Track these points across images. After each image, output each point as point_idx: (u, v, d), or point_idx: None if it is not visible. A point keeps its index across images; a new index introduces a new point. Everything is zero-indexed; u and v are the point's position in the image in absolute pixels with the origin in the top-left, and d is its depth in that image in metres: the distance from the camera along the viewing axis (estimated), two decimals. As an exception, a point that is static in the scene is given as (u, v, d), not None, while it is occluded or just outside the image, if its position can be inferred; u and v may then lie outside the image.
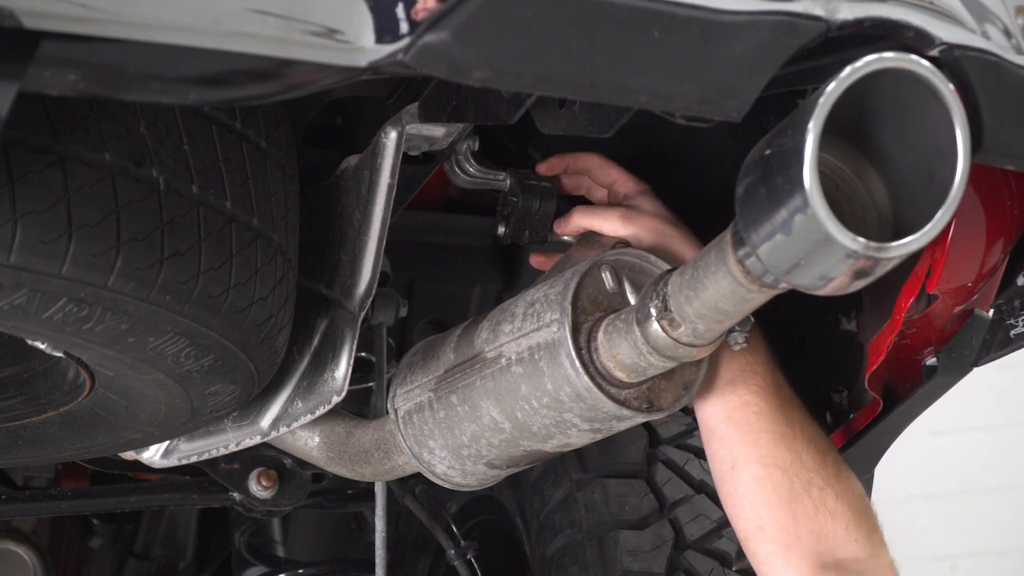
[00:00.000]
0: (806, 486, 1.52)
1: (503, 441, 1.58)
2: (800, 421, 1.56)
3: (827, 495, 1.53)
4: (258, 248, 1.36)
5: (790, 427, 1.54)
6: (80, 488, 2.27)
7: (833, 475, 1.54)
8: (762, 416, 1.54)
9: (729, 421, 1.56)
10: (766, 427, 1.54)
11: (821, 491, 1.52)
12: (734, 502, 1.57)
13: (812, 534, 1.52)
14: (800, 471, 1.53)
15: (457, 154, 1.71)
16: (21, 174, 1.13)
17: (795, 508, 1.53)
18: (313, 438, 1.84)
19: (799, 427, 1.55)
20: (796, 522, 1.53)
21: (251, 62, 1.05)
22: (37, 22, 0.94)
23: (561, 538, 2.14)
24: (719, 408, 1.56)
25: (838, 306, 1.80)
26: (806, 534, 1.52)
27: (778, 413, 1.54)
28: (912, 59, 1.11)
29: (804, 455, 1.53)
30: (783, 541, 1.54)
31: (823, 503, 1.52)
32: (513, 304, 1.56)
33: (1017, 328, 1.68)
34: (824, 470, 1.53)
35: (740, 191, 1.17)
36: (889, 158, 1.22)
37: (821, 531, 1.52)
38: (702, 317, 1.33)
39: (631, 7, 1.09)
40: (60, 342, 1.35)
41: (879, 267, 1.13)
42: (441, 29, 1.05)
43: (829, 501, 1.53)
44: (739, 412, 1.55)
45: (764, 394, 1.55)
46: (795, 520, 1.53)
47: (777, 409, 1.54)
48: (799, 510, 1.52)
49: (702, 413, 1.58)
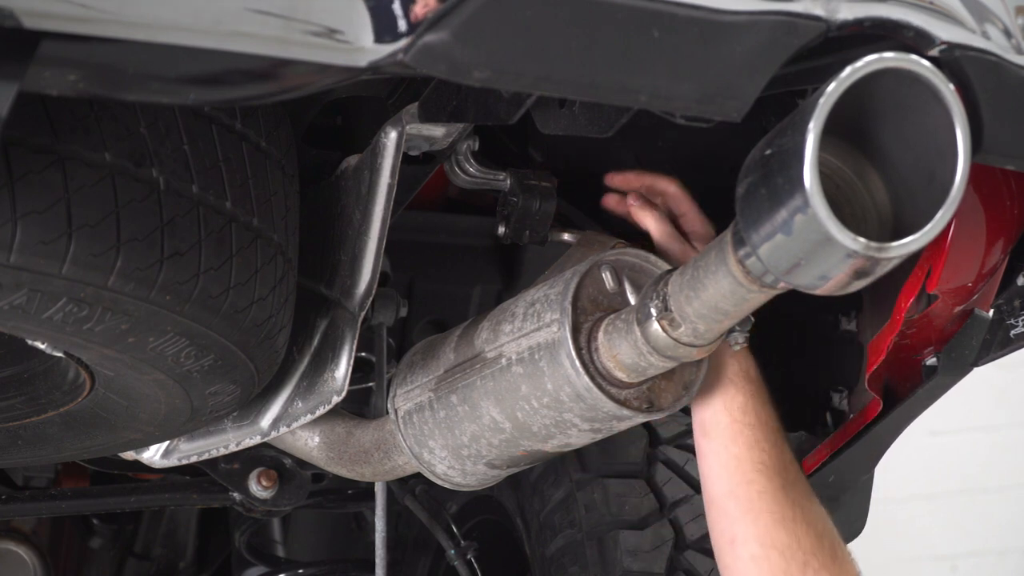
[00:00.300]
0: (802, 568, 1.53)
1: (503, 441, 1.58)
2: (801, 502, 1.56)
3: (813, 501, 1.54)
4: (258, 248, 1.36)
5: (791, 509, 1.54)
6: (80, 488, 2.27)
7: (830, 558, 1.54)
8: (764, 496, 1.54)
9: (731, 496, 1.56)
10: (767, 508, 1.54)
11: (816, 573, 1.53)
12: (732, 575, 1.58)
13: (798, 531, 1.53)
14: (797, 553, 1.53)
15: (457, 154, 1.71)
16: (21, 174, 1.13)
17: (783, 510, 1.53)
18: (313, 438, 1.84)
19: (800, 509, 1.55)
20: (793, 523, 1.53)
21: (251, 62, 1.05)
22: (37, 22, 0.94)
23: (561, 538, 2.14)
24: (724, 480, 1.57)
25: (838, 306, 1.80)
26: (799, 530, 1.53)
27: (780, 494, 1.55)
28: (912, 59, 1.11)
29: (803, 538, 1.54)
30: (785, 533, 1.54)
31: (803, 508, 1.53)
32: (513, 304, 1.56)
33: (1017, 328, 1.68)
34: (821, 553, 1.54)
35: (740, 191, 1.17)
36: (889, 158, 1.22)
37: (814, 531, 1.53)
38: (702, 317, 1.33)
39: (631, 7, 1.09)
40: (60, 342, 1.35)
41: (879, 267, 1.13)
42: (441, 29, 1.05)
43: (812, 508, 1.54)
44: (742, 489, 1.55)
45: (769, 473, 1.55)
46: (791, 521, 1.53)
47: (780, 489, 1.55)
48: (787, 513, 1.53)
49: (697, 415, 1.59)
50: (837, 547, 1.57)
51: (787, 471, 1.57)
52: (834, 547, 1.56)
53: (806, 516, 1.56)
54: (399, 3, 1.05)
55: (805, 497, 1.57)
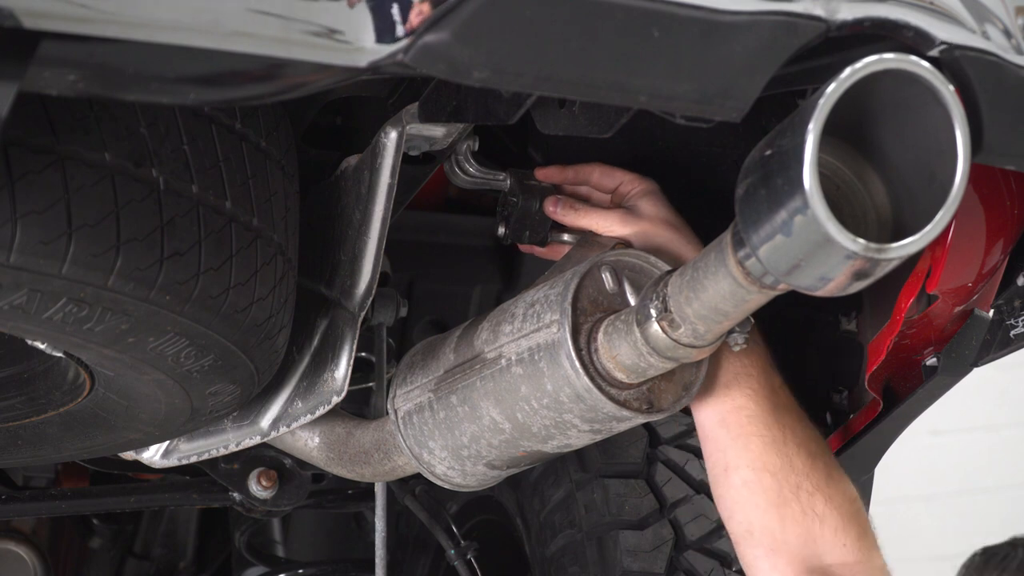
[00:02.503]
0: (795, 490, 1.53)
1: (503, 442, 1.58)
2: (792, 425, 1.56)
3: (816, 499, 1.53)
4: (258, 248, 1.36)
5: (781, 431, 1.55)
6: (80, 488, 2.27)
7: (823, 479, 1.54)
8: (754, 420, 1.55)
9: (722, 424, 1.56)
10: (757, 431, 1.55)
11: (810, 495, 1.53)
12: (726, 505, 1.58)
13: (799, 538, 1.53)
14: (789, 475, 1.53)
15: (457, 154, 1.71)
16: (21, 174, 1.13)
17: (783, 512, 1.53)
18: (313, 438, 1.84)
19: (790, 431, 1.55)
20: (784, 526, 1.53)
21: (251, 62, 1.05)
22: (37, 22, 0.94)
23: (561, 538, 2.14)
24: (713, 411, 1.57)
25: (838, 306, 1.80)
26: (793, 538, 1.53)
27: (770, 417, 1.55)
28: (912, 60, 1.11)
29: (795, 459, 1.54)
30: (770, 545, 1.54)
31: (811, 507, 1.53)
32: (513, 305, 1.56)
33: (1017, 328, 1.69)
34: (814, 474, 1.54)
35: (740, 192, 1.17)
36: (889, 158, 1.22)
37: (809, 535, 1.52)
38: (702, 318, 1.33)
39: (631, 7, 1.09)
40: (60, 342, 1.35)
41: (879, 268, 1.12)
42: (441, 29, 1.05)
43: (818, 505, 1.53)
44: (731, 416, 1.55)
45: (757, 398, 1.55)
46: (783, 524, 1.53)
47: (769, 413, 1.55)
48: (787, 514, 1.53)
49: (698, 415, 1.59)
50: (832, 468, 1.56)
51: (776, 395, 1.57)
52: (828, 469, 1.56)
53: (797, 438, 1.55)
54: (399, 5, 1.05)
55: (797, 420, 1.57)
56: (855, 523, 1.54)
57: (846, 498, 1.54)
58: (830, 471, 1.55)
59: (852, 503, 1.55)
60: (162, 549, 2.96)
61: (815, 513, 1.53)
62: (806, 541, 1.53)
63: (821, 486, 1.53)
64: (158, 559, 2.95)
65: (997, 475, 4.72)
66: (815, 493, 1.53)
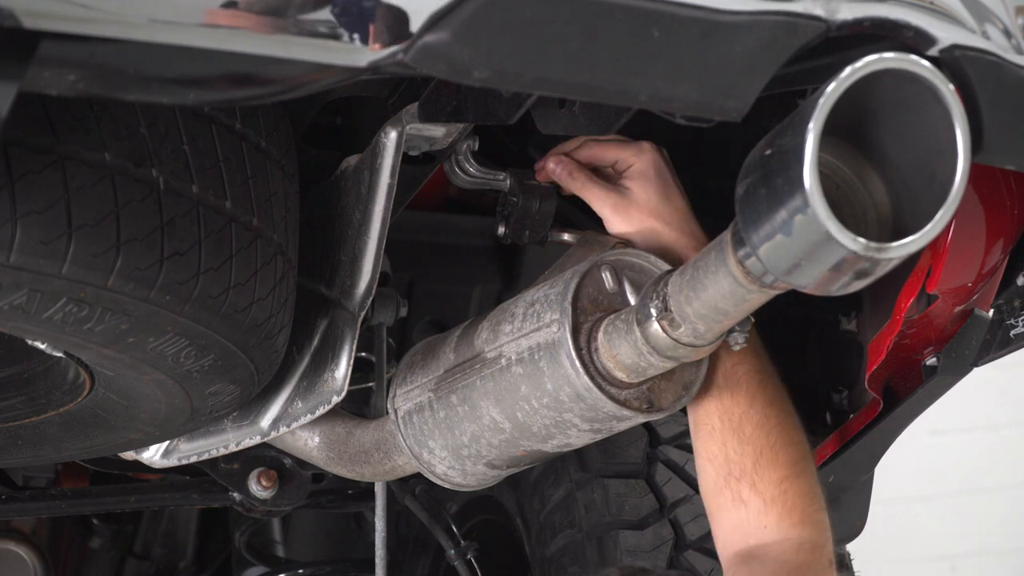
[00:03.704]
0: (726, 478, 1.56)
1: (503, 441, 1.58)
2: (726, 411, 1.57)
3: (742, 485, 1.55)
4: (258, 248, 1.36)
5: (720, 420, 1.57)
6: (80, 488, 2.27)
7: (750, 464, 1.56)
8: (696, 411, 1.59)
9: (690, 413, 1.62)
10: (703, 422, 1.59)
11: (737, 481, 1.56)
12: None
13: (730, 524, 1.56)
14: (722, 464, 1.57)
15: (457, 154, 1.71)
16: (21, 174, 1.13)
17: (719, 501, 1.57)
18: (313, 438, 1.84)
19: (727, 419, 1.57)
20: (721, 513, 1.57)
21: (251, 62, 1.05)
22: (37, 22, 0.94)
23: (561, 538, 2.14)
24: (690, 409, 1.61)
25: (838, 306, 1.80)
26: (726, 525, 1.57)
27: (712, 406, 1.57)
28: (912, 59, 1.11)
29: (728, 446, 1.57)
30: (714, 531, 1.60)
31: (738, 494, 1.55)
32: (513, 304, 1.56)
33: (1017, 328, 1.69)
34: (741, 460, 1.56)
35: (740, 192, 1.17)
36: (889, 158, 1.22)
37: (737, 521, 1.55)
38: (702, 317, 1.33)
39: (631, 7, 1.09)
40: (60, 342, 1.35)
41: (879, 267, 1.12)
42: (441, 29, 1.05)
43: (744, 491, 1.55)
44: (693, 407, 1.60)
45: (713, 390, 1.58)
46: (720, 512, 1.57)
47: (711, 400, 1.57)
48: (722, 502, 1.57)
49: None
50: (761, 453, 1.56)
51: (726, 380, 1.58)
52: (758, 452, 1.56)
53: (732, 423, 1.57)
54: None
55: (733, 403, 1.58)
56: (776, 505, 1.54)
57: (770, 482, 1.55)
58: (759, 455, 1.56)
59: (779, 484, 1.55)
60: (162, 549, 2.96)
61: (740, 499, 1.55)
62: (735, 527, 1.56)
63: (747, 471, 1.55)
64: (158, 559, 2.95)
65: (997, 475, 4.72)
66: (741, 479, 1.55)
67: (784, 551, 1.52)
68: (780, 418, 1.58)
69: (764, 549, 1.53)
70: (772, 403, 1.58)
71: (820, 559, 1.53)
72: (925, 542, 4.70)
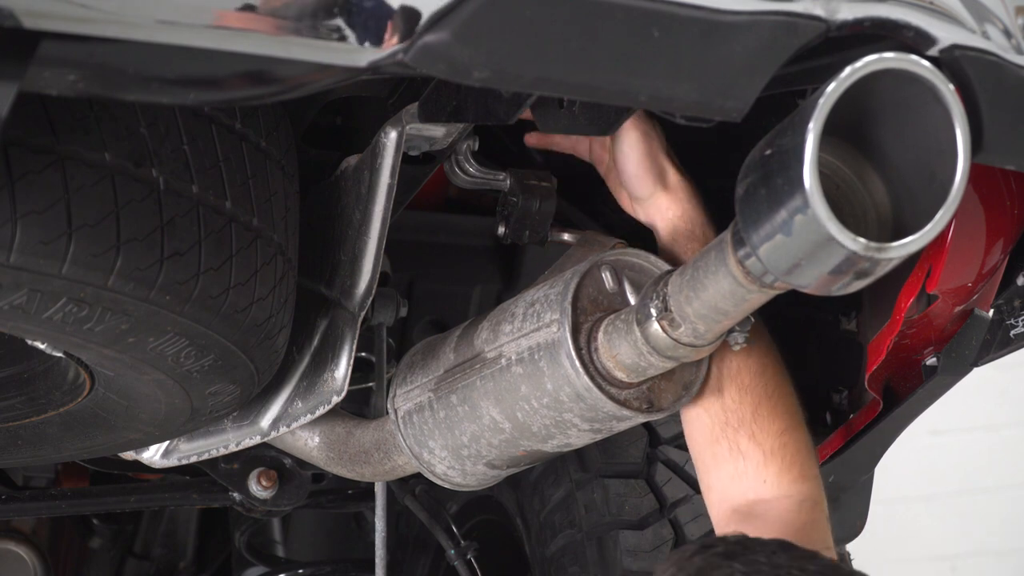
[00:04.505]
0: (723, 427, 1.54)
1: (503, 441, 1.58)
2: (722, 359, 1.55)
3: (740, 436, 1.53)
4: (258, 248, 1.36)
5: (718, 368, 1.55)
6: (80, 488, 2.27)
7: (750, 414, 1.53)
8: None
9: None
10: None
11: (735, 431, 1.53)
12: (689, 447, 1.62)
13: (728, 475, 1.54)
14: (719, 413, 1.54)
15: (457, 154, 1.71)
16: (21, 174, 1.13)
17: (715, 450, 1.55)
18: (313, 438, 1.84)
19: (728, 369, 1.55)
20: (717, 464, 1.55)
21: (251, 62, 1.05)
22: (37, 22, 0.94)
23: (561, 538, 2.14)
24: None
25: (838, 306, 1.80)
26: (724, 476, 1.54)
27: (714, 359, 1.55)
28: (912, 59, 1.11)
29: (726, 396, 1.54)
30: (707, 483, 1.57)
31: (736, 444, 1.53)
32: (513, 304, 1.56)
33: (1017, 328, 1.68)
34: (741, 409, 1.54)
35: (740, 192, 1.17)
36: (889, 158, 1.22)
37: (735, 472, 1.53)
38: (702, 317, 1.33)
39: (631, 7, 1.09)
40: (60, 342, 1.35)
41: (879, 267, 1.12)
42: (441, 29, 1.05)
43: (742, 442, 1.53)
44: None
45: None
46: (716, 462, 1.55)
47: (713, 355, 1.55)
48: (718, 452, 1.54)
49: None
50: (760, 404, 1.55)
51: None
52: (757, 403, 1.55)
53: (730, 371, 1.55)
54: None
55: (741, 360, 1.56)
56: (775, 459, 1.52)
57: (772, 432, 1.53)
58: (758, 406, 1.54)
59: (779, 437, 1.53)
60: (162, 549, 2.96)
61: (739, 450, 1.53)
62: (732, 478, 1.53)
63: (746, 422, 1.53)
64: (158, 559, 2.95)
65: (997, 475, 4.71)
66: (739, 429, 1.53)
67: (786, 509, 1.50)
68: (776, 367, 1.57)
69: (765, 506, 1.51)
70: (768, 352, 1.57)
71: (820, 517, 1.52)
72: (925, 542, 4.70)
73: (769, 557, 1.26)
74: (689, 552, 1.35)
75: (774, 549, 1.27)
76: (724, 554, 1.30)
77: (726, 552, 1.29)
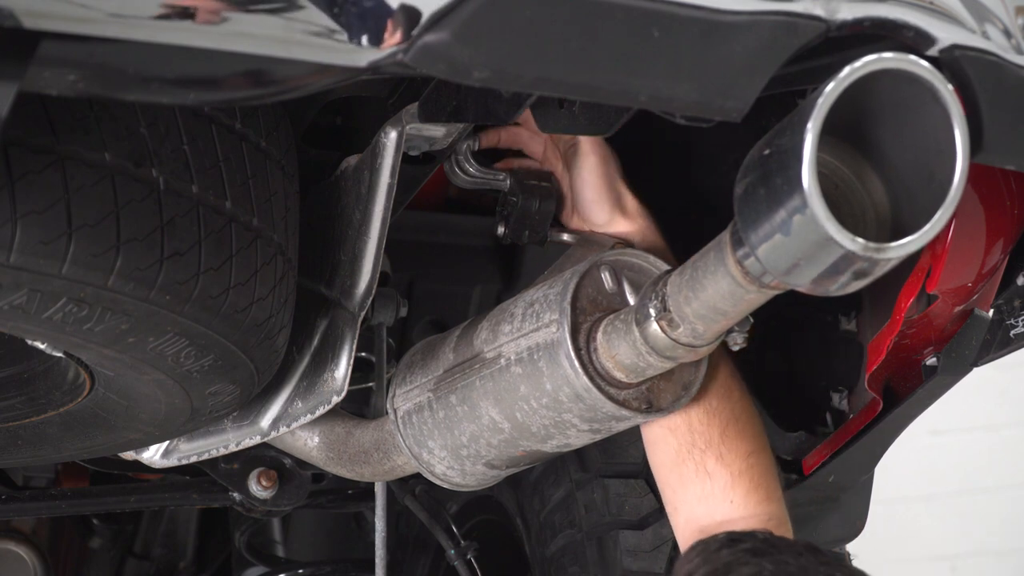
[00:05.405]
0: (690, 449, 1.55)
1: (502, 441, 1.58)
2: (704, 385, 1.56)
3: (707, 457, 1.54)
4: (258, 248, 1.36)
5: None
6: (80, 488, 2.27)
7: (718, 435, 1.54)
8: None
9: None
10: None
11: (702, 453, 1.54)
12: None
13: (695, 496, 1.55)
14: (686, 434, 1.55)
15: (457, 154, 1.71)
16: (21, 174, 1.13)
17: (681, 472, 1.55)
18: (313, 438, 1.84)
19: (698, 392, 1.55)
20: (683, 486, 1.56)
21: (251, 62, 1.05)
22: (37, 22, 0.94)
23: (561, 538, 2.14)
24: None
25: (838, 306, 1.80)
26: (690, 497, 1.55)
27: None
28: (911, 59, 1.11)
29: (693, 417, 1.55)
30: (673, 503, 1.58)
31: (703, 465, 1.54)
32: (512, 304, 1.56)
33: (1017, 328, 1.68)
34: (708, 431, 1.54)
35: (739, 191, 1.17)
36: (888, 158, 1.22)
37: (702, 493, 1.54)
38: (701, 317, 1.33)
39: (631, 7, 1.09)
40: (60, 342, 1.35)
41: (878, 267, 1.12)
42: (441, 29, 1.05)
43: (709, 463, 1.54)
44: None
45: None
46: (682, 484, 1.56)
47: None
48: (684, 473, 1.55)
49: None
50: (728, 425, 1.56)
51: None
52: (725, 425, 1.55)
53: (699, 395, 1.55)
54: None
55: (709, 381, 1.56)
56: (743, 480, 1.53)
57: (740, 454, 1.54)
58: (725, 427, 1.55)
59: (746, 458, 1.54)
60: (162, 549, 2.96)
61: (705, 471, 1.54)
62: (699, 499, 1.54)
63: (713, 443, 1.54)
64: (158, 559, 2.95)
65: (997, 475, 4.72)
66: (707, 451, 1.54)
67: (751, 528, 1.51)
68: (741, 391, 1.58)
69: (731, 526, 1.51)
70: (732, 375, 1.58)
71: (786, 535, 1.52)
72: (925, 542, 4.70)
73: (796, 558, 1.26)
74: (715, 545, 1.35)
75: (800, 550, 1.27)
76: (752, 551, 1.30)
77: (754, 549, 1.29)
